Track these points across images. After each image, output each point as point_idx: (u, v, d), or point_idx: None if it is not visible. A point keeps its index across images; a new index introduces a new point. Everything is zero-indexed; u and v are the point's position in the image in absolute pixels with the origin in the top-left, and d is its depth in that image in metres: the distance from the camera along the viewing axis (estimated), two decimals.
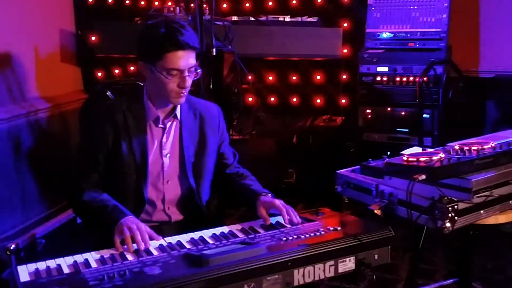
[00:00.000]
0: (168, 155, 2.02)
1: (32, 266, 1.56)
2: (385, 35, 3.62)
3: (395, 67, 3.57)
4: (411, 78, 3.52)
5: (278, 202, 1.92)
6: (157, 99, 1.97)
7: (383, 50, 3.62)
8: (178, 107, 2.01)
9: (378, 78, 3.61)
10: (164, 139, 2.01)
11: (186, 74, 1.87)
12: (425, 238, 2.91)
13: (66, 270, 1.54)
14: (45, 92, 3.35)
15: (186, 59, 1.86)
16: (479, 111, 3.76)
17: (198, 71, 1.94)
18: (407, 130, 3.58)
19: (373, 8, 3.62)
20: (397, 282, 2.82)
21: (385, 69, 3.59)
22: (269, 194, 2.01)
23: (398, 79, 3.58)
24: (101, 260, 1.61)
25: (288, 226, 1.85)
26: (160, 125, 2.00)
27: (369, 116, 3.67)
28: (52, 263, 1.58)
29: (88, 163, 1.96)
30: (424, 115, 3.44)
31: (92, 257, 1.63)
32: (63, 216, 2.91)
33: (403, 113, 3.60)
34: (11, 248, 2.46)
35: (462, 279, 2.31)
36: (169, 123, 2.01)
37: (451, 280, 2.56)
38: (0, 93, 3.00)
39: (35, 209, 3.11)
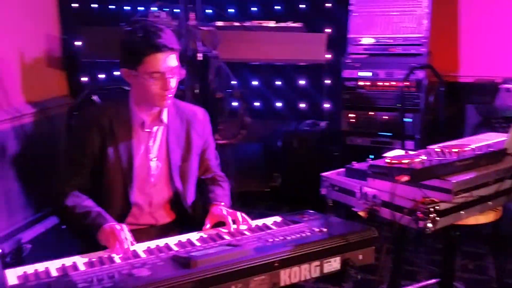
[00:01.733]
0: (155, 159, 2.03)
1: (20, 270, 1.56)
2: (367, 40, 3.68)
3: (377, 72, 3.64)
4: (393, 83, 3.59)
5: (225, 212, 1.92)
6: (143, 104, 1.98)
7: (366, 56, 3.68)
8: (165, 112, 2.02)
9: (361, 83, 3.67)
10: (150, 143, 2.02)
11: (168, 75, 1.88)
12: (408, 240, 2.97)
13: (54, 273, 1.54)
14: (30, 97, 3.34)
15: (166, 61, 1.87)
16: (459, 114, 3.84)
17: (182, 72, 1.95)
18: (390, 134, 3.64)
19: (354, 14, 3.69)
20: (381, 283, 2.86)
21: (368, 74, 3.65)
22: (222, 203, 2.02)
23: (380, 83, 3.65)
24: (89, 263, 1.62)
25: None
26: (146, 130, 2.01)
27: (352, 120, 3.72)
28: (40, 266, 1.59)
29: (73, 167, 1.96)
30: (406, 119, 3.50)
31: (80, 260, 1.64)
32: (49, 221, 2.90)
33: (385, 117, 3.66)
34: None
35: (444, 280, 2.35)
36: (156, 127, 2.03)
37: (433, 281, 2.60)
38: None
39: (20, 214, 3.09)
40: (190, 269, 1.51)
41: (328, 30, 3.88)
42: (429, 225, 1.69)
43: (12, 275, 1.53)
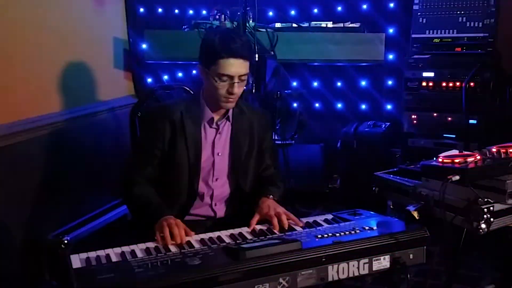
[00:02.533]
0: (219, 154, 2.12)
1: (83, 255, 1.69)
2: (431, 40, 3.60)
3: (441, 72, 3.55)
4: (458, 84, 3.49)
5: (272, 212, 1.95)
6: (212, 102, 2.08)
7: (429, 56, 3.60)
8: (231, 110, 2.12)
9: (424, 84, 3.59)
10: (216, 139, 2.12)
11: (236, 81, 1.97)
12: (472, 244, 2.87)
13: (114, 259, 1.65)
14: (98, 96, 3.54)
15: (237, 67, 1.96)
16: None
17: (250, 80, 2.04)
18: (453, 135, 3.54)
19: (418, 14, 3.62)
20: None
21: (431, 74, 3.57)
22: (271, 196, 2.06)
23: (444, 84, 3.56)
24: (146, 251, 1.72)
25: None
26: (213, 126, 2.11)
27: (415, 121, 3.65)
28: (101, 253, 1.70)
29: (144, 157, 2.08)
30: (471, 121, 3.39)
31: (138, 248, 1.74)
32: (114, 213, 3.06)
33: (449, 118, 3.56)
34: (65, 241, 2.62)
35: (501, 285, 2.27)
36: (222, 124, 2.12)
37: (491, 286, 2.52)
38: (59, 97, 3.20)
39: (88, 206, 3.28)
40: (239, 260, 1.56)
41: (390, 30, 3.84)
42: (483, 226, 1.66)
43: (76, 259, 1.65)
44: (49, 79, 3.11)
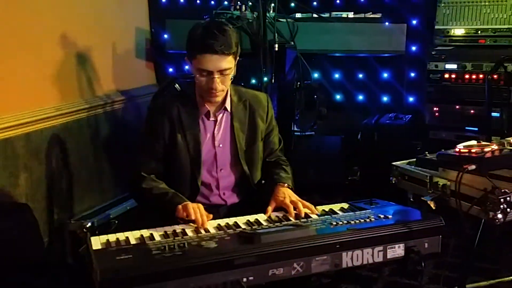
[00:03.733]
0: (221, 145, 2.14)
1: (103, 238, 1.73)
2: (455, 32, 3.56)
3: (464, 64, 3.51)
4: (481, 76, 3.45)
5: (287, 201, 1.96)
6: (203, 95, 2.08)
7: (452, 47, 3.56)
8: (228, 100, 2.12)
9: (447, 76, 3.56)
10: (216, 131, 2.13)
11: (216, 76, 1.96)
12: (489, 237, 2.84)
13: (133, 242, 1.69)
14: (121, 85, 3.60)
15: (216, 62, 1.95)
16: None
17: (231, 74, 2.01)
18: (476, 128, 3.50)
19: (442, 5, 3.58)
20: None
21: (454, 66, 3.53)
22: (286, 185, 2.06)
23: (467, 76, 3.51)
24: (164, 235, 1.75)
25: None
26: (211, 118, 2.13)
27: (437, 114, 3.62)
28: (121, 236, 1.75)
29: (147, 153, 2.11)
30: (493, 114, 3.34)
31: (157, 232, 1.78)
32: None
33: (472, 111, 3.52)
34: (88, 226, 2.69)
35: None
36: (220, 115, 2.13)
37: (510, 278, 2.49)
38: (82, 85, 3.27)
39: (110, 192, 3.36)
40: (254, 244, 1.59)
41: (413, 22, 3.80)
42: (499, 216, 1.65)
43: (96, 241, 1.70)
44: (72, 67, 3.18)
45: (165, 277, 1.46)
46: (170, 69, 4.12)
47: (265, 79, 3.02)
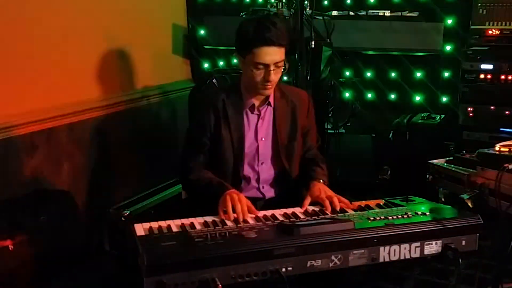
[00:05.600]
0: (263, 139, 2.18)
1: (146, 225, 1.79)
2: (491, 32, 3.52)
3: (500, 64, 3.47)
4: None
5: (323, 195, 1.99)
6: (251, 89, 2.13)
7: (488, 47, 3.53)
8: (272, 95, 2.17)
9: (482, 76, 3.53)
10: (259, 125, 2.17)
11: (271, 68, 2.01)
12: None
13: (175, 229, 1.75)
14: (158, 80, 3.68)
15: (272, 55, 1.99)
16: None
17: (286, 65, 2.06)
18: (510, 130, 3.46)
19: (479, 4, 3.54)
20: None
21: (490, 66, 3.49)
22: (321, 181, 2.09)
23: (503, 77, 3.48)
24: (205, 224, 1.81)
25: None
26: (255, 112, 2.17)
27: (471, 114, 3.59)
28: (163, 223, 1.80)
29: (195, 145, 2.17)
30: None
31: (197, 221, 1.83)
32: (170, 190, 3.20)
33: (507, 112, 3.49)
34: (126, 214, 2.78)
35: None
36: (264, 109, 2.18)
37: None
38: (122, 79, 3.35)
39: (147, 183, 3.44)
40: (293, 236, 1.63)
41: (449, 21, 3.78)
42: None
43: (140, 228, 1.76)
44: (113, 61, 3.26)
45: (208, 264, 1.51)
46: (206, 65, 4.18)
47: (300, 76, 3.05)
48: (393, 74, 4.17)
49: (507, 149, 1.75)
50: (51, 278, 2.27)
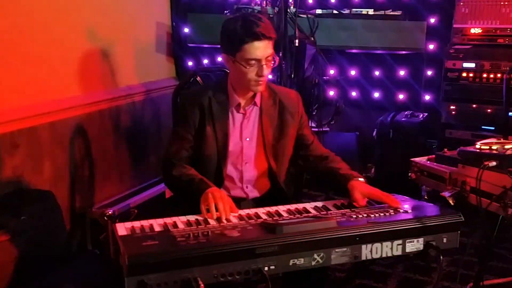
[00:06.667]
0: (248, 139, 2.17)
1: (128, 224, 1.77)
2: (473, 30, 3.56)
3: (482, 63, 3.51)
4: (499, 75, 3.45)
5: (376, 191, 1.96)
6: (239, 88, 2.11)
7: (470, 46, 3.56)
8: (258, 95, 2.15)
9: (464, 74, 3.56)
10: (244, 125, 2.16)
11: (263, 63, 2.00)
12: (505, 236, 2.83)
13: (157, 229, 1.73)
14: (141, 78, 3.65)
15: (263, 49, 1.98)
16: None
17: (276, 59, 2.06)
18: (492, 128, 3.50)
19: (461, 3, 3.57)
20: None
21: (472, 65, 3.53)
22: (360, 178, 2.06)
23: (485, 75, 3.52)
24: (187, 223, 1.80)
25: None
26: (241, 111, 2.15)
27: (453, 112, 3.63)
28: (145, 223, 1.79)
29: (179, 142, 2.14)
30: (511, 113, 3.35)
31: (180, 220, 1.82)
32: (153, 190, 3.18)
33: (489, 110, 3.53)
34: (109, 214, 2.75)
35: None
36: (250, 109, 2.16)
37: None
38: (105, 77, 3.33)
39: (129, 182, 3.42)
40: (275, 234, 1.62)
41: (431, 20, 3.80)
42: None
43: (122, 227, 1.74)
44: (96, 59, 3.24)
45: (190, 264, 1.50)
46: (190, 63, 4.16)
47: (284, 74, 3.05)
48: (377, 73, 4.20)
49: (487, 147, 1.77)
50: (33, 279, 2.25)
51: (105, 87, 3.31)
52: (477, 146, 1.83)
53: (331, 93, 3.95)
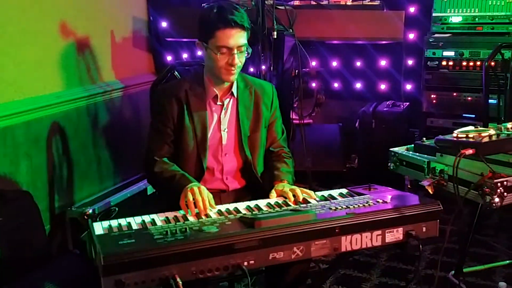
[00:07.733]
0: (226, 130, 2.16)
1: (106, 223, 1.75)
2: (453, 19, 3.57)
3: (461, 51, 3.53)
4: (478, 63, 3.47)
5: (286, 189, 1.98)
6: (213, 78, 2.11)
7: (450, 34, 3.57)
8: (235, 86, 2.15)
9: (444, 63, 3.58)
10: (222, 115, 2.15)
11: (235, 52, 2.00)
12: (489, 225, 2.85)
13: (135, 227, 1.71)
14: (119, 74, 3.60)
15: (235, 38, 1.98)
16: None
17: (249, 50, 2.05)
18: (473, 115, 3.53)
19: None
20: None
21: (451, 53, 3.55)
22: (285, 181, 2.08)
23: (464, 63, 3.54)
24: (166, 220, 1.78)
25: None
26: (218, 103, 2.14)
27: (434, 101, 3.64)
28: (123, 221, 1.77)
29: (159, 137, 2.13)
30: (491, 101, 3.36)
31: (158, 217, 1.80)
32: (134, 187, 3.15)
33: (469, 98, 3.55)
34: (88, 212, 2.72)
35: None
36: (227, 100, 2.15)
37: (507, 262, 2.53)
38: (81, 73, 3.27)
39: (109, 180, 3.38)
40: (254, 228, 1.61)
41: (411, 9, 3.80)
42: (496, 200, 1.67)
43: (99, 226, 1.72)
44: (71, 55, 3.18)
45: (167, 261, 1.49)
46: (169, 57, 4.11)
47: (263, 67, 3.03)
48: (358, 63, 4.20)
49: (464, 135, 1.77)
50: (13, 280, 2.21)
51: (82, 84, 3.26)
52: (454, 135, 1.83)
53: (313, 84, 3.95)
